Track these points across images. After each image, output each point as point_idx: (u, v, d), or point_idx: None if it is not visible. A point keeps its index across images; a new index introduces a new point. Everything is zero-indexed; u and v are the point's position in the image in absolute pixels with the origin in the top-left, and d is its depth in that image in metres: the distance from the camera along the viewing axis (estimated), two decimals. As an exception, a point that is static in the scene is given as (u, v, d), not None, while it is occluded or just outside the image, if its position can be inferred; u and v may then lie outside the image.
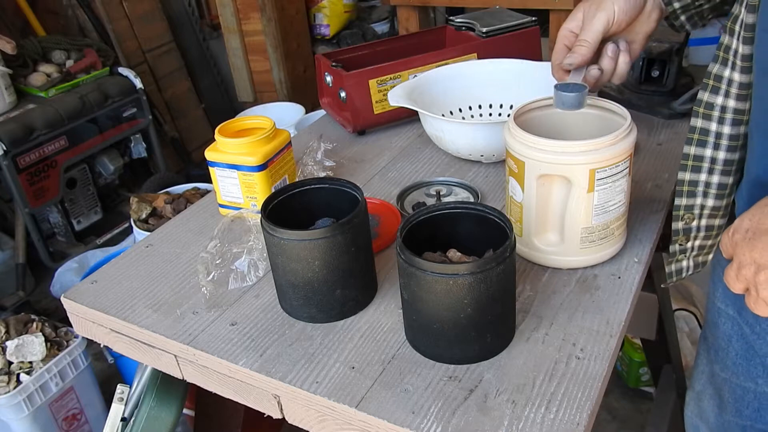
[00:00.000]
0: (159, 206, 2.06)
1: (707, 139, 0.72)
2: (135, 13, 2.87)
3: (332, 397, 0.66)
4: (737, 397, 0.85)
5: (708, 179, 0.73)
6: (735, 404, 0.86)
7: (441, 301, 0.65)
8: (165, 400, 0.91)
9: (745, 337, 0.81)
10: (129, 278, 0.88)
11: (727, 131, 0.70)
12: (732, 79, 0.68)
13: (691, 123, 0.73)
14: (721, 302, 0.85)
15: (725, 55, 0.69)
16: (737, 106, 0.69)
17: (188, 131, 3.11)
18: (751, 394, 0.83)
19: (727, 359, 0.85)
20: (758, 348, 0.79)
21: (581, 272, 0.80)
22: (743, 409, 0.84)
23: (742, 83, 0.68)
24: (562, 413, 0.62)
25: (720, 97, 0.70)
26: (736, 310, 0.82)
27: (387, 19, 3.30)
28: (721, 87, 0.70)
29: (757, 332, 0.78)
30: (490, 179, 1.03)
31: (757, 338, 0.79)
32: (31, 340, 1.62)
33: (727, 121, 0.70)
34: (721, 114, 0.70)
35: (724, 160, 0.72)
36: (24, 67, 2.36)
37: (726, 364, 0.85)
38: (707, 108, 0.71)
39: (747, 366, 0.82)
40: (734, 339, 0.83)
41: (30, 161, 2.20)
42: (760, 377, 0.81)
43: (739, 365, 0.83)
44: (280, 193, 0.79)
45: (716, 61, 0.70)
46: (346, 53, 1.32)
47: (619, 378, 1.88)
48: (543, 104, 0.85)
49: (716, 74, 0.70)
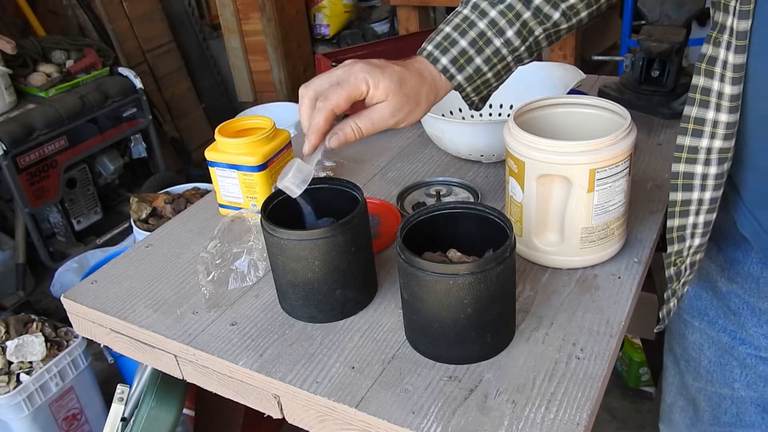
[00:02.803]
0: (159, 206, 2.06)
1: (693, 182, 0.68)
2: (135, 13, 2.87)
3: (332, 397, 0.66)
4: (714, 404, 0.84)
5: (695, 221, 0.70)
6: (712, 412, 0.85)
7: (441, 301, 0.65)
8: (165, 400, 0.91)
9: (718, 344, 0.81)
10: (129, 278, 0.88)
11: (713, 171, 0.66)
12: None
13: (678, 144, 0.68)
14: (687, 315, 0.85)
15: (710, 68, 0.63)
16: (727, 118, 0.64)
17: (188, 131, 3.10)
18: (728, 400, 0.82)
19: (699, 368, 0.84)
20: (739, 352, 0.79)
21: (581, 272, 0.80)
22: (721, 416, 0.84)
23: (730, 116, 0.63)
24: (562, 413, 0.62)
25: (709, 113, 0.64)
26: (707, 321, 0.82)
27: (387, 19, 3.30)
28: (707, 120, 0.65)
29: (740, 338, 0.78)
30: (490, 179, 1.03)
31: (740, 343, 0.78)
32: (31, 340, 1.62)
33: (713, 160, 0.66)
34: (707, 156, 0.66)
35: (710, 199, 0.68)
36: (24, 67, 2.36)
37: (699, 373, 0.85)
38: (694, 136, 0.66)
39: (722, 372, 0.81)
40: (705, 347, 0.82)
41: (30, 161, 2.20)
42: (736, 381, 0.80)
43: (714, 372, 0.82)
44: (280, 193, 0.79)
45: (699, 73, 0.64)
46: (346, 53, 1.32)
47: (619, 378, 1.88)
48: (543, 104, 0.85)
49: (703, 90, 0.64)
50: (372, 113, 0.71)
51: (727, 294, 0.78)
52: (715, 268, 0.80)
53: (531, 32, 0.76)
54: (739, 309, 0.78)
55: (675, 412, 0.93)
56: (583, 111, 0.84)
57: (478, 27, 0.75)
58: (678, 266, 0.73)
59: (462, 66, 0.76)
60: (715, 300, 0.80)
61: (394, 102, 0.71)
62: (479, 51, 0.76)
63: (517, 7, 0.75)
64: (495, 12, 0.75)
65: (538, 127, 0.81)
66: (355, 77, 0.69)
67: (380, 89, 0.70)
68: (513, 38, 0.76)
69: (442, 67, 0.75)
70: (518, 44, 0.76)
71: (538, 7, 0.75)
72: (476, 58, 0.76)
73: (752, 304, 0.76)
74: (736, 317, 0.78)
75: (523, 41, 0.77)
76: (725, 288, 0.79)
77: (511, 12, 0.75)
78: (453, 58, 0.75)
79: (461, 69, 0.76)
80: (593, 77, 1.35)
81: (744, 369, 0.79)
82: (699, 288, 0.83)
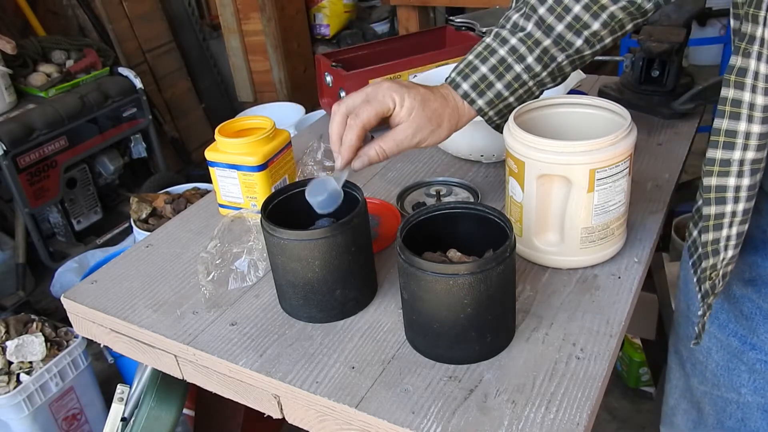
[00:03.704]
0: (159, 206, 2.06)
1: (726, 194, 0.67)
2: (135, 13, 2.87)
3: (332, 397, 0.66)
4: (719, 408, 0.84)
5: (729, 233, 0.70)
6: (717, 416, 0.85)
7: (441, 301, 0.65)
8: (165, 400, 0.91)
9: (727, 348, 0.80)
10: (129, 278, 0.88)
11: (746, 183, 0.65)
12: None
13: (709, 158, 0.66)
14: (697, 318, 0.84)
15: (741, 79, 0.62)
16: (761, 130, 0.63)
17: (188, 131, 3.10)
18: (734, 405, 0.82)
19: (706, 372, 0.84)
20: (749, 358, 0.79)
21: (581, 272, 0.80)
22: (725, 420, 0.84)
23: None
24: (562, 413, 0.62)
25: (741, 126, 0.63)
26: (717, 324, 0.81)
27: (387, 19, 3.30)
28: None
29: (751, 343, 0.78)
30: (490, 179, 1.03)
31: (750, 348, 0.78)
32: (31, 340, 1.62)
33: (746, 172, 0.65)
34: (739, 168, 0.65)
35: (743, 210, 0.68)
36: (24, 67, 2.35)
37: (705, 377, 0.84)
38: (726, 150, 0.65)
39: (729, 377, 0.81)
40: (714, 351, 0.82)
41: (30, 161, 2.20)
42: (743, 386, 0.80)
43: (721, 376, 0.82)
44: (280, 193, 0.79)
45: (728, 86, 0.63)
46: (346, 53, 1.32)
47: (619, 378, 1.88)
48: (543, 104, 0.85)
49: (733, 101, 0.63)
50: (396, 134, 0.76)
51: (740, 298, 0.78)
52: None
53: (553, 59, 0.80)
54: (752, 313, 0.77)
55: (678, 414, 0.93)
56: (583, 111, 0.84)
57: (498, 54, 0.79)
58: (713, 280, 0.73)
59: (482, 91, 0.80)
60: (726, 304, 0.80)
61: (416, 121, 0.76)
62: (500, 77, 0.80)
63: (537, 35, 0.79)
64: (515, 39, 0.79)
65: (538, 127, 0.81)
66: (383, 95, 0.75)
67: (405, 107, 0.75)
68: (533, 64, 0.79)
69: (463, 92, 0.80)
70: (539, 70, 0.80)
71: (560, 35, 0.78)
72: (497, 84, 0.80)
73: (766, 309, 0.76)
74: (748, 322, 0.78)
75: (545, 67, 0.80)
76: (739, 292, 0.78)
77: (530, 39, 0.79)
78: (473, 84, 0.80)
79: (482, 94, 0.80)
80: (593, 77, 1.35)
81: (753, 374, 0.79)
82: None
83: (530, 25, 0.79)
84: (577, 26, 0.78)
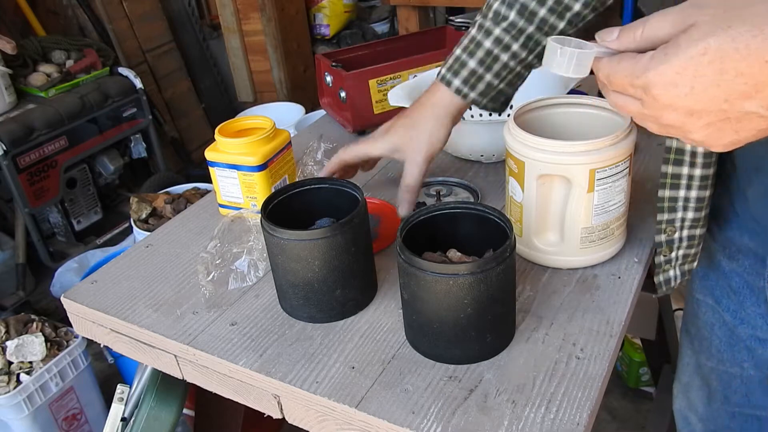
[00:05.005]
0: (159, 206, 2.06)
1: (683, 158, 0.71)
2: (135, 13, 2.87)
3: (332, 397, 0.66)
4: (725, 384, 0.85)
5: (687, 194, 0.73)
6: (723, 392, 0.86)
7: (441, 301, 0.65)
8: (165, 400, 0.91)
9: (726, 324, 0.81)
10: (129, 278, 0.88)
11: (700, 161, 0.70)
12: None
13: (667, 143, 0.72)
14: (699, 293, 0.85)
15: None
16: None
17: (188, 131, 3.10)
18: (738, 380, 0.83)
19: (711, 348, 0.85)
20: (740, 333, 0.79)
21: (581, 272, 0.80)
22: (731, 395, 0.85)
23: None
24: (562, 413, 0.62)
25: None
26: (714, 299, 0.82)
27: (387, 19, 3.30)
28: None
29: (740, 317, 0.79)
30: (490, 179, 1.03)
31: (740, 323, 0.79)
32: (31, 340, 1.62)
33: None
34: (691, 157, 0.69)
35: (701, 176, 0.71)
36: (24, 67, 2.35)
37: (711, 353, 0.86)
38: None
39: (731, 352, 0.82)
40: (716, 327, 0.83)
41: (30, 161, 2.20)
42: (745, 361, 0.81)
43: (724, 352, 0.83)
44: (280, 193, 0.79)
45: None
46: (346, 53, 1.32)
47: (619, 378, 1.88)
48: (543, 104, 0.85)
49: None
50: (406, 167, 0.86)
51: (729, 273, 0.79)
52: (717, 247, 0.81)
53: (538, 43, 0.81)
54: (739, 287, 0.78)
55: (692, 391, 0.94)
56: (583, 111, 0.84)
57: (484, 46, 0.82)
58: (669, 235, 0.75)
59: (474, 84, 0.83)
60: (720, 280, 0.81)
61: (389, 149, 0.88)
62: (488, 68, 0.82)
63: (520, 23, 0.80)
64: (499, 30, 0.81)
65: (538, 127, 0.81)
66: None
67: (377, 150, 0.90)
68: (519, 51, 0.81)
69: (455, 88, 0.83)
70: (525, 55, 0.82)
71: (543, 19, 0.80)
72: (486, 75, 0.83)
73: (751, 282, 0.77)
74: (737, 296, 0.79)
75: (530, 51, 0.82)
76: (728, 267, 0.79)
77: (515, 29, 0.80)
78: (464, 79, 0.83)
79: (473, 87, 0.83)
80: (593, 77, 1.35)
81: (749, 351, 0.80)
82: (706, 268, 0.83)
83: (512, 13, 0.80)
84: (559, 9, 0.79)
